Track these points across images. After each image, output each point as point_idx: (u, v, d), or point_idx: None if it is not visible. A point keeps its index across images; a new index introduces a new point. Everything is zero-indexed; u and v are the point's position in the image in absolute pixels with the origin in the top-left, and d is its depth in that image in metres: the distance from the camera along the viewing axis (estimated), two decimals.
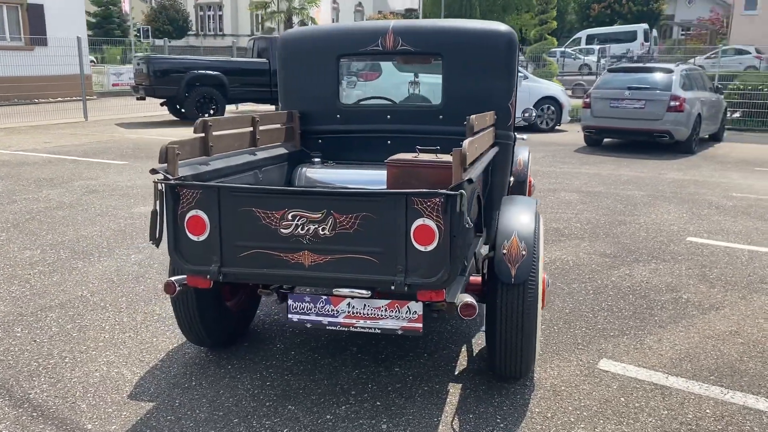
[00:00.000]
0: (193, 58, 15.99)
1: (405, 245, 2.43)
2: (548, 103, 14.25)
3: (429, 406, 2.94)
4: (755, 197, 7.38)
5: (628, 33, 36.31)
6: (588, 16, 39.94)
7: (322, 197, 2.48)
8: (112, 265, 4.85)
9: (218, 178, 3.00)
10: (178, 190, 2.58)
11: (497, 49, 3.68)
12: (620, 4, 38.47)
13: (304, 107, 3.94)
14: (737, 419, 2.84)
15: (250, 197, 2.55)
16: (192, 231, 2.61)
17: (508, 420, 2.83)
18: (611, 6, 38.48)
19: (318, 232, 2.50)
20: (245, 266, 2.60)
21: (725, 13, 40.47)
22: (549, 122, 14.32)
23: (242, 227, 2.56)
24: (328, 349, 3.49)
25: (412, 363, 3.34)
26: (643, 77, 10.89)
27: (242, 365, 3.32)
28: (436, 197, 2.37)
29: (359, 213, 2.45)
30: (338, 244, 2.49)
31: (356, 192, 2.48)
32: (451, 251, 2.39)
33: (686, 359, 3.39)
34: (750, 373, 3.26)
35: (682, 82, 10.74)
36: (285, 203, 2.51)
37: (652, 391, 3.08)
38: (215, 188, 2.57)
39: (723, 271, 4.77)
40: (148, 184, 7.78)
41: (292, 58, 3.96)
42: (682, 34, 45.17)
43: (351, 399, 3.00)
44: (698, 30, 41.09)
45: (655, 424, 2.80)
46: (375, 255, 2.48)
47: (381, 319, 2.58)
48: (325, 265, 2.52)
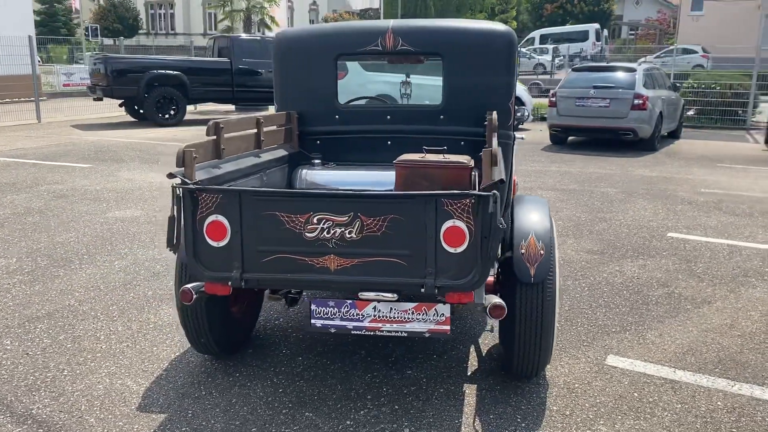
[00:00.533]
0: (153, 58, 15.61)
1: (435, 247, 2.41)
2: None
3: (448, 408, 2.93)
4: (723, 192, 7.61)
5: (581, 33, 37.08)
6: (541, 16, 40.63)
7: (349, 200, 2.44)
8: (96, 272, 4.68)
9: (230, 181, 2.92)
10: (197, 194, 2.50)
11: (497, 48, 3.68)
12: (572, 4, 39.23)
13: (302, 108, 3.87)
14: (748, 411, 2.91)
15: (273, 201, 2.48)
16: (212, 236, 2.53)
17: (528, 419, 2.84)
18: (563, 6, 39.21)
19: (344, 235, 2.45)
20: (268, 271, 2.54)
21: (672, 14, 41.71)
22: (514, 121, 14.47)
23: (265, 232, 2.50)
24: (337, 354, 3.44)
25: (423, 365, 3.32)
26: (608, 76, 11.12)
27: (251, 372, 3.25)
28: (467, 198, 2.36)
29: (388, 215, 2.42)
30: (365, 248, 2.45)
31: (385, 194, 2.45)
32: (482, 252, 2.37)
33: (689, 353, 3.46)
34: (752, 365, 3.35)
35: (644, 80, 11.00)
36: (310, 206, 2.46)
37: (662, 385, 3.14)
38: (236, 192, 2.50)
39: (708, 265, 4.90)
40: (119, 188, 7.57)
41: (288, 58, 3.88)
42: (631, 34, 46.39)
43: (368, 403, 2.96)
44: (646, 30, 42.21)
45: (671, 419, 2.84)
46: (403, 257, 2.45)
47: (408, 323, 2.56)
48: (351, 269, 2.48)
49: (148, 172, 8.65)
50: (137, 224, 5.96)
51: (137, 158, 9.76)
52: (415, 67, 4.82)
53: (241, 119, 3.31)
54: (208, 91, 15.12)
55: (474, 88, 3.72)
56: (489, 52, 3.69)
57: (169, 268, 4.76)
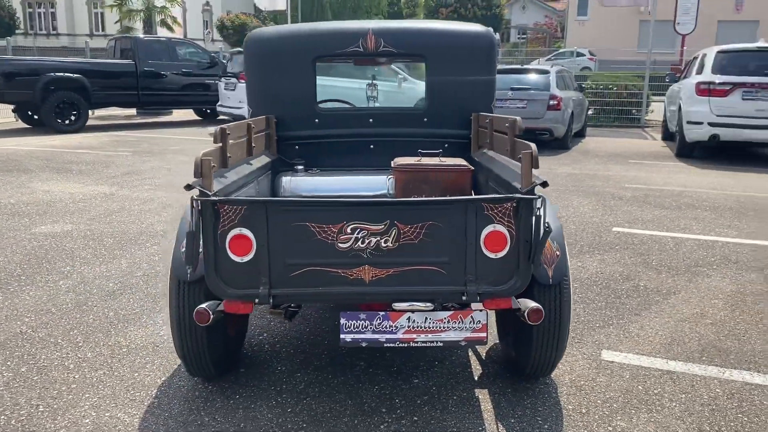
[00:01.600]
0: (50, 60, 14.52)
1: (475, 253, 2.36)
2: None
3: (467, 415, 2.88)
4: (645, 187, 8.04)
5: None
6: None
7: (385, 207, 2.34)
8: (42, 294, 4.27)
9: (237, 190, 2.74)
10: (218, 207, 2.32)
11: (479, 50, 3.69)
12: (466, 8, 40.32)
13: (279, 112, 3.70)
14: (746, 395, 3.05)
15: (303, 211, 2.34)
16: (235, 251, 2.35)
17: (549, 421, 2.84)
18: (458, 11, 40.20)
19: (380, 244, 2.35)
20: (298, 286, 2.39)
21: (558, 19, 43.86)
22: None
23: (294, 244, 2.35)
24: (336, 367, 3.31)
25: (428, 373, 3.26)
26: (523, 78, 11.49)
27: (251, 393, 3.06)
28: (509, 202, 2.32)
29: (426, 222, 2.34)
30: (402, 256, 2.36)
31: (425, 200, 2.37)
32: (524, 257, 2.35)
33: (674, 343, 3.60)
34: (733, 351, 3.52)
35: (557, 82, 11.46)
36: (344, 215, 2.34)
37: (661, 377, 3.24)
38: (263, 203, 2.33)
39: (660, 257, 5.14)
40: (38, 200, 6.99)
41: (264, 60, 3.71)
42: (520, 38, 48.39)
43: (385, 417, 2.86)
44: (534, 34, 44.14)
45: (681, 409, 2.94)
46: (442, 265, 2.38)
47: (443, 332, 2.48)
48: (387, 280, 2.39)
49: (65, 182, 8.04)
50: (71, 239, 5.51)
51: (46, 168, 9.05)
52: (379, 70, 4.76)
53: (237, 124, 3.12)
54: (111, 95, 14.28)
55: (457, 90, 3.71)
56: (471, 53, 3.69)
57: (124, 286, 4.42)
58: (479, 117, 3.66)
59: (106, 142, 11.99)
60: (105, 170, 8.90)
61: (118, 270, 4.74)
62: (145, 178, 8.34)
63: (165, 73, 14.70)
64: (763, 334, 3.73)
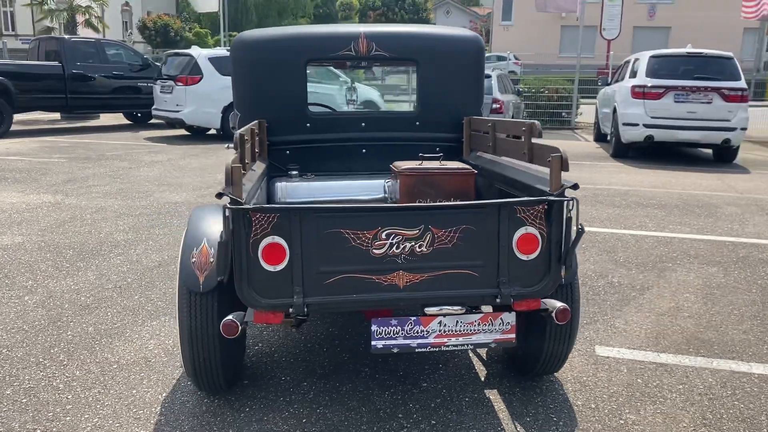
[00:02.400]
0: None
1: (508, 255, 2.38)
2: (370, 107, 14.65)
3: (483, 416, 2.91)
4: (593, 187, 8.33)
5: None
6: (364, 24, 41.62)
7: (420, 212, 2.34)
8: (8, 311, 4.02)
9: (252, 197, 2.66)
10: (251, 215, 2.25)
11: (469, 54, 3.73)
12: (393, 12, 40.73)
13: (270, 116, 3.62)
14: (737, 383, 3.22)
15: (339, 218, 2.31)
16: (268, 260, 2.29)
17: (563, 418, 2.90)
18: (386, 14, 40.56)
19: (414, 249, 2.35)
20: (332, 294, 2.35)
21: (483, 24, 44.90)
22: None
23: (328, 251, 2.31)
24: (342, 375, 3.27)
25: (434, 376, 3.27)
26: None
27: (261, 405, 2.98)
28: (540, 204, 2.37)
29: (459, 226, 2.35)
30: (436, 261, 2.36)
31: (459, 204, 2.37)
32: (555, 258, 2.39)
33: (659, 337, 3.76)
34: (715, 342, 3.71)
35: (498, 85, 11.72)
36: (379, 221, 2.32)
37: (656, 369, 3.37)
38: (297, 210, 2.28)
39: (625, 254, 5.35)
40: None
41: (253, 63, 3.62)
42: None
43: (403, 422, 2.85)
44: None
45: (682, 399, 3.07)
46: (475, 269, 2.39)
47: (473, 335, 2.49)
48: (421, 284, 2.38)
49: (2, 191, 7.58)
50: (26, 252, 5.21)
51: None
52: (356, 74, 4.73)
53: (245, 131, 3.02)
54: (36, 99, 13.59)
55: (448, 94, 3.74)
56: (462, 57, 3.73)
57: (97, 299, 4.22)
58: (471, 120, 3.71)
59: (36, 149, 11.38)
60: (43, 178, 8.45)
61: (86, 283, 4.52)
62: (90, 186, 7.97)
63: (94, 76, 14.11)
64: (737, 325, 3.94)
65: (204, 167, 9.61)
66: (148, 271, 4.79)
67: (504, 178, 2.99)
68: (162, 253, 5.22)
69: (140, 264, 4.94)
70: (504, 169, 3.05)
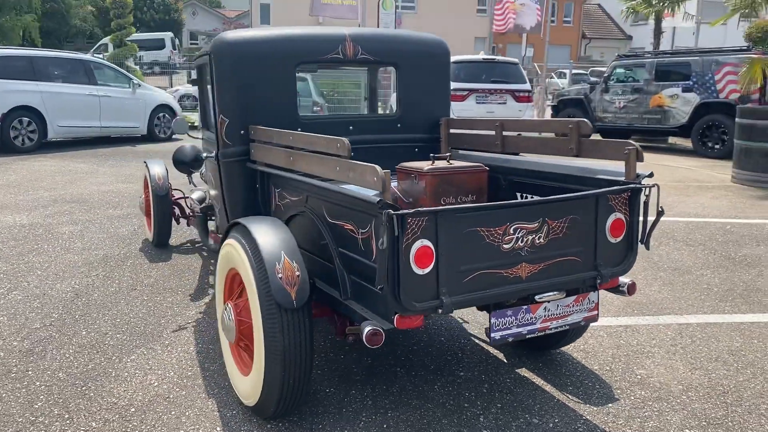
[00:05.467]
0: None
1: (603, 240, 2.66)
2: (164, 111, 13.81)
3: (533, 392, 3.15)
4: None
5: (157, 40, 36.63)
6: (109, 21, 38.48)
7: (540, 206, 2.50)
8: None
9: None
10: (410, 220, 2.23)
11: (441, 58, 3.91)
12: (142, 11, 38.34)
13: (259, 121, 3.43)
14: (707, 332, 3.89)
15: (476, 217, 2.38)
16: (419, 264, 2.28)
17: (594, 381, 3.27)
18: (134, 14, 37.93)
19: (534, 241, 2.51)
20: (469, 291, 2.42)
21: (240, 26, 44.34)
22: (166, 131, 13.89)
23: (466, 250, 2.38)
24: (380, 378, 3.27)
25: (464, 365, 3.42)
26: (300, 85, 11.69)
27: (330, 421, 2.87)
28: (626, 192, 2.68)
29: (568, 216, 2.57)
30: (550, 250, 2.56)
31: (570, 196, 2.57)
32: (635, 239, 2.74)
33: (645, 304, 4.32)
34: (692, 300, 4.39)
35: (315, 89, 11.91)
36: (508, 217, 2.44)
37: (641, 330, 3.91)
38: (443, 212, 2.31)
39: None
40: None
41: (241, 66, 3.39)
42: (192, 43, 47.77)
43: (475, 410, 2.98)
44: None
45: (669, 351, 3.63)
46: (578, 254, 2.63)
47: (569, 316, 2.72)
48: (538, 274, 2.56)
49: None
50: None
51: None
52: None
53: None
54: None
55: (424, 96, 3.89)
56: (434, 61, 3.91)
57: (36, 341, 3.59)
58: (450, 121, 3.90)
59: None
60: None
61: (2, 326, 3.79)
62: None
63: None
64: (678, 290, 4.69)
65: None
66: (68, 302, 4.16)
67: (541, 174, 3.21)
68: (65, 281, 4.55)
69: (49, 296, 4.26)
70: (532, 165, 3.29)
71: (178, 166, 5.62)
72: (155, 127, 13.67)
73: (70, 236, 5.75)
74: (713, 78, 12.77)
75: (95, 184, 8.35)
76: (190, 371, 3.30)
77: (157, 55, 35.99)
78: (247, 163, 3.47)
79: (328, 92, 11.75)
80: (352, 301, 2.64)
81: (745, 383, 3.28)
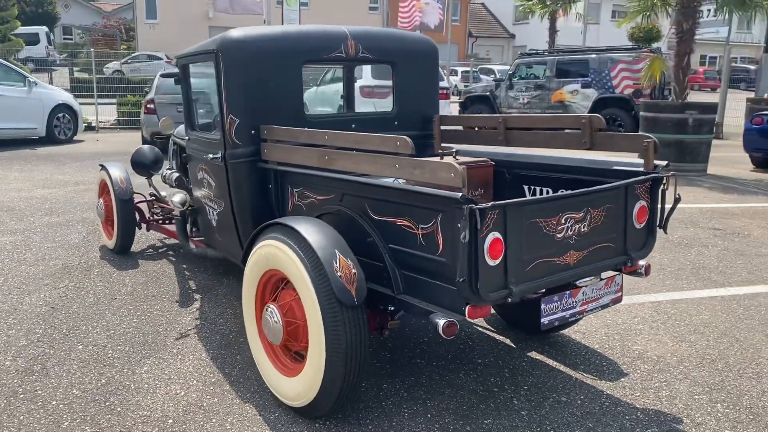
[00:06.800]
0: None
1: (632, 226, 2.88)
2: (63, 111, 12.98)
3: (550, 372, 3.35)
4: None
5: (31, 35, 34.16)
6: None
7: (585, 196, 2.67)
8: None
9: None
10: (489, 213, 2.33)
11: (430, 56, 4.01)
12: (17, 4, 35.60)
13: (269, 120, 3.38)
14: (687, 306, 4.24)
15: (536, 209, 2.52)
16: (492, 255, 2.38)
17: (600, 359, 3.51)
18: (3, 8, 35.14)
19: (580, 230, 2.69)
20: (530, 280, 2.55)
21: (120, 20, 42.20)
22: (67, 132, 13.07)
23: (528, 240, 2.51)
24: (406, 371, 3.35)
25: (479, 352, 3.56)
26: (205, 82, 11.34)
27: (375, 415, 2.92)
28: (648, 182, 2.91)
29: (606, 205, 2.76)
30: (592, 237, 2.74)
31: (608, 186, 2.76)
32: (654, 224, 2.98)
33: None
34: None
35: None
36: (561, 208, 2.59)
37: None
38: (512, 205, 2.42)
39: None
40: None
41: (251, 64, 3.32)
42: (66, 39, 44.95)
43: (508, 393, 3.13)
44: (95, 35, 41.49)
45: (651, 326, 3.95)
46: (613, 240, 2.84)
47: (600, 298, 2.91)
48: (583, 260, 2.73)
49: None
50: None
51: None
52: None
53: None
54: None
55: (417, 94, 3.98)
56: (425, 59, 4.00)
57: (32, 359, 3.36)
58: (443, 118, 4.01)
59: None
60: None
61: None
62: None
63: None
64: None
65: None
66: (47, 316, 3.91)
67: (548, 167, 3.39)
68: (33, 294, 4.25)
69: (22, 311, 3.98)
70: (534, 159, 3.46)
71: (137, 168, 5.39)
72: (55, 128, 12.82)
73: (14, 247, 5.35)
74: (609, 74, 13.73)
75: (13, 191, 7.77)
76: (213, 378, 3.22)
77: (31, 51, 33.59)
78: (258, 163, 3.41)
79: None
80: (405, 296, 2.69)
81: (726, 351, 3.63)
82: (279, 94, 3.44)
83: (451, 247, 2.43)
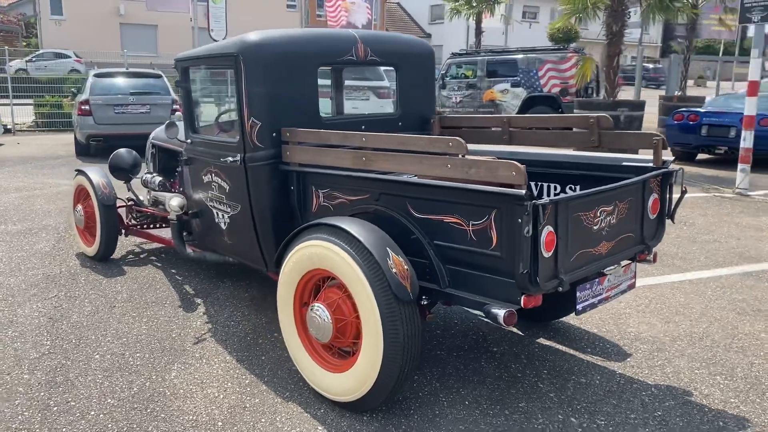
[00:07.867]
0: None
1: (648, 217, 3.13)
2: None
3: (575, 359, 3.57)
4: None
5: None
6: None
7: (614, 191, 2.89)
8: None
9: None
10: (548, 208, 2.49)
11: (428, 58, 4.14)
12: None
13: (287, 123, 3.41)
14: (680, 288, 4.56)
15: (579, 203, 2.71)
16: (547, 248, 2.56)
17: (608, 344, 3.77)
18: None
19: (611, 222, 2.91)
20: (574, 269, 2.74)
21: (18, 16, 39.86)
22: None
23: (573, 232, 2.70)
24: (432, 363, 3.47)
25: (495, 341, 3.74)
26: (142, 82, 11.01)
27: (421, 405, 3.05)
28: (659, 176, 3.17)
29: (629, 198, 3.00)
30: (619, 228, 2.97)
31: (632, 181, 2.98)
32: (664, 215, 3.24)
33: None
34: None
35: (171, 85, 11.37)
36: (598, 201, 2.80)
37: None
38: (563, 200, 2.60)
39: None
40: None
41: (271, 67, 3.34)
42: None
43: (537, 382, 3.32)
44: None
45: (642, 309, 4.25)
46: (633, 231, 3.08)
47: (620, 285, 3.14)
48: (612, 249, 2.96)
49: None
50: None
51: None
52: None
53: None
54: None
55: (418, 95, 4.11)
56: (424, 62, 4.14)
57: (51, 371, 3.25)
58: (443, 118, 4.16)
59: None
60: None
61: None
62: None
63: None
64: None
65: None
66: (49, 327, 3.77)
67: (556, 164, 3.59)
68: (25, 306, 4.08)
69: (20, 324, 3.82)
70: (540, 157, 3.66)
71: (116, 172, 5.24)
72: None
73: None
74: (537, 74, 14.31)
75: None
76: (246, 380, 3.24)
77: None
78: (280, 166, 3.44)
79: None
80: (453, 290, 2.83)
81: (709, 329, 3.98)
82: (297, 96, 3.48)
83: (508, 241, 2.58)
